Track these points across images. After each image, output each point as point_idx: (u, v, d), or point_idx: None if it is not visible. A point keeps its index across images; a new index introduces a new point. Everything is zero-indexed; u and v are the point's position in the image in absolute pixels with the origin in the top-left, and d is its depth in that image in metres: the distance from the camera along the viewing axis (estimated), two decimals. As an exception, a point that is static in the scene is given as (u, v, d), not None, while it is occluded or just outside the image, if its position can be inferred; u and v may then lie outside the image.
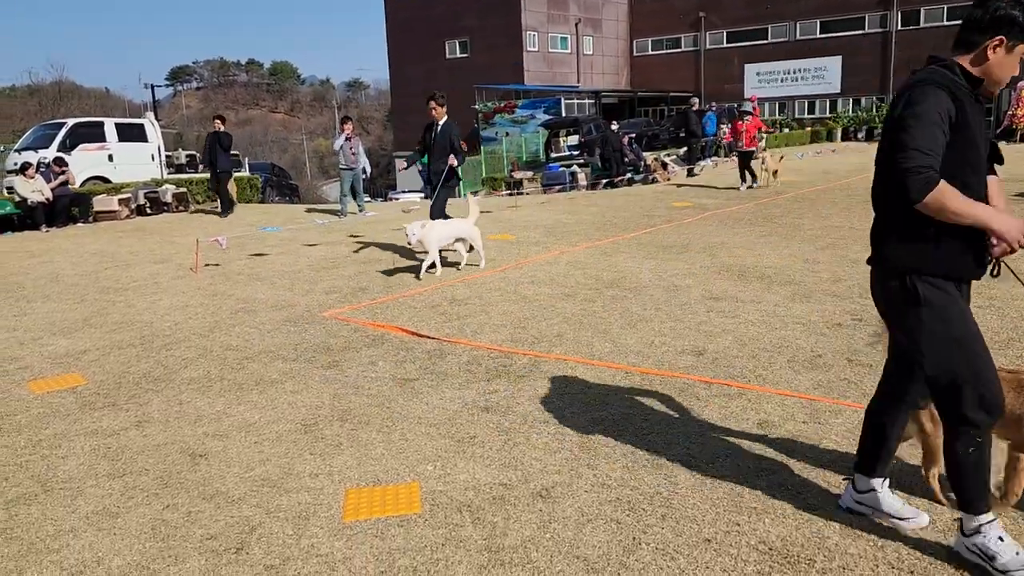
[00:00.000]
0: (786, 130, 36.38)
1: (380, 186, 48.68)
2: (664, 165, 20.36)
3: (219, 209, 15.45)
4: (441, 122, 9.18)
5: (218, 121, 14.98)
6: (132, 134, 19.55)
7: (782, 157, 16.13)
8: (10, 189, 14.92)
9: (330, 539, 3.19)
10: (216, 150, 14.63)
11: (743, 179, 15.95)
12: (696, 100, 22.07)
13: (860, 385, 4.59)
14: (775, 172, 15.75)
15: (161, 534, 3.29)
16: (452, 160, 9.10)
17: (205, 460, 4.01)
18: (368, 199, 21.80)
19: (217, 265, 9.61)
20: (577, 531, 3.15)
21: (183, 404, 4.85)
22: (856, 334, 5.57)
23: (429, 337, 6.01)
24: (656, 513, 3.25)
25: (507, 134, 36.22)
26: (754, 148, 16.17)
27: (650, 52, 46.67)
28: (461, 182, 15.54)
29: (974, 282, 2.89)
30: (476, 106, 39.17)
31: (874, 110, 37.82)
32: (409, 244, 8.16)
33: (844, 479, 3.34)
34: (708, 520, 3.18)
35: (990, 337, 5.33)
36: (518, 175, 23.21)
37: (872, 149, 3.11)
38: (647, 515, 3.24)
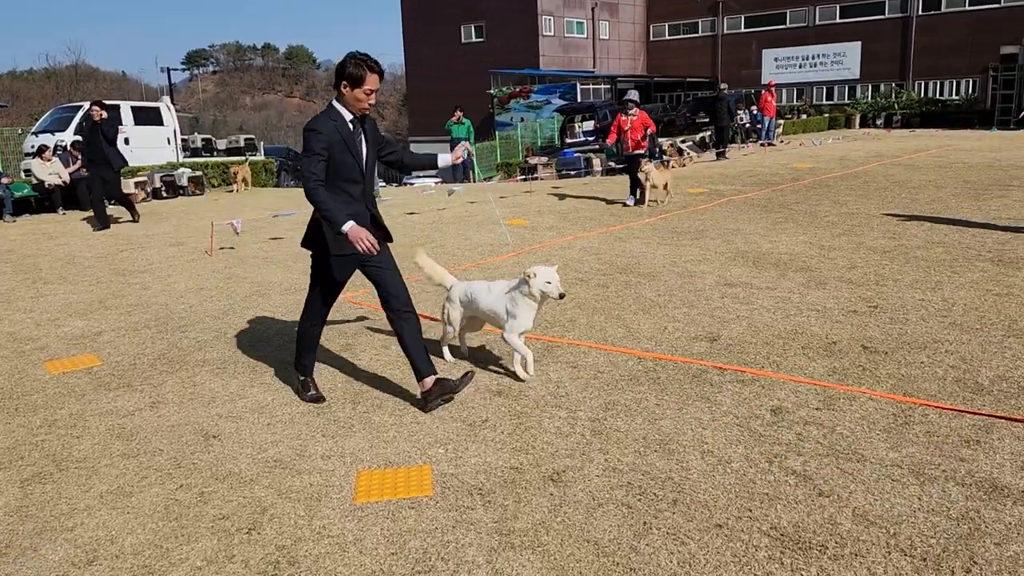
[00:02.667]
0: (803, 116, 36.03)
1: (394, 171, 48.68)
2: (680, 151, 20.22)
3: (95, 220, 12.16)
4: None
5: (97, 108, 11.71)
6: (148, 117, 19.63)
7: (672, 164, 12.70)
8: (28, 172, 15.03)
9: (341, 520, 3.21)
10: (99, 144, 11.57)
11: (633, 192, 12.26)
12: (726, 85, 21.87)
13: (875, 372, 4.55)
14: (665, 186, 11.98)
15: (174, 514, 3.32)
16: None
17: (218, 441, 4.04)
18: (383, 184, 21.83)
19: (232, 248, 9.64)
20: (588, 515, 3.15)
21: (197, 386, 4.88)
22: (871, 321, 5.52)
23: (442, 321, 6.00)
24: (667, 498, 3.24)
25: (522, 119, 36.10)
26: (642, 151, 12.17)
27: (667, 37, 46.26)
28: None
29: (987, 270, 2.84)
30: (491, 91, 39.03)
31: (893, 96, 37.36)
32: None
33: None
34: (720, 506, 3.17)
35: (1007, 325, 5.28)
36: (533, 160, 23.12)
37: (891, 136, 3.06)
38: (658, 500, 3.23)
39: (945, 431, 3.75)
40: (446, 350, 5.17)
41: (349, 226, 3.89)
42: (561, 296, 4.40)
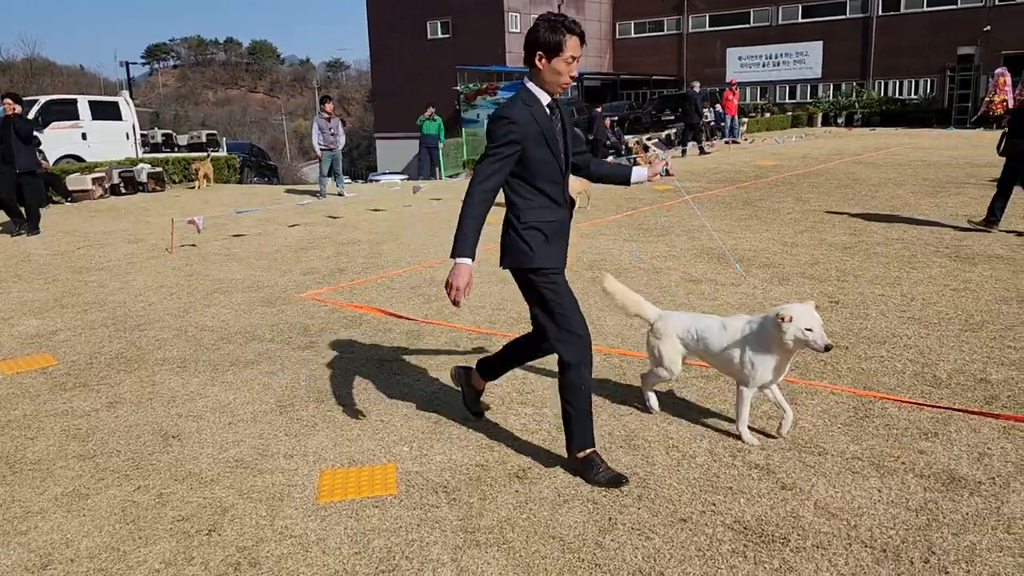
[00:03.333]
0: (767, 115, 36.46)
1: (360, 167, 48.34)
2: (645, 148, 20.35)
3: (18, 226, 10.85)
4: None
5: (10, 101, 10.40)
6: (106, 112, 19.20)
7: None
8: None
9: (304, 520, 3.16)
10: (12, 142, 10.37)
11: None
12: (698, 83, 22.11)
13: (836, 367, 4.61)
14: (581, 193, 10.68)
15: (131, 516, 3.25)
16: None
17: (178, 441, 3.96)
18: (348, 180, 21.65)
19: (193, 246, 9.49)
20: (553, 511, 3.14)
21: (156, 385, 4.78)
22: (833, 316, 5.59)
23: (407, 318, 5.97)
24: (632, 493, 3.25)
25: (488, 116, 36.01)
26: None
27: (633, 35, 46.45)
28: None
29: (945, 266, 2.89)
30: (458, 87, 38.89)
31: (854, 95, 37.96)
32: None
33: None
34: (684, 500, 3.18)
35: (964, 319, 5.39)
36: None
37: (852, 134, 3.09)
38: (623, 495, 3.24)
39: (904, 424, 3.80)
40: (652, 398, 4.10)
41: (460, 263, 3.16)
42: (827, 348, 3.43)
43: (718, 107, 25.28)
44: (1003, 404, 3.99)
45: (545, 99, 3.31)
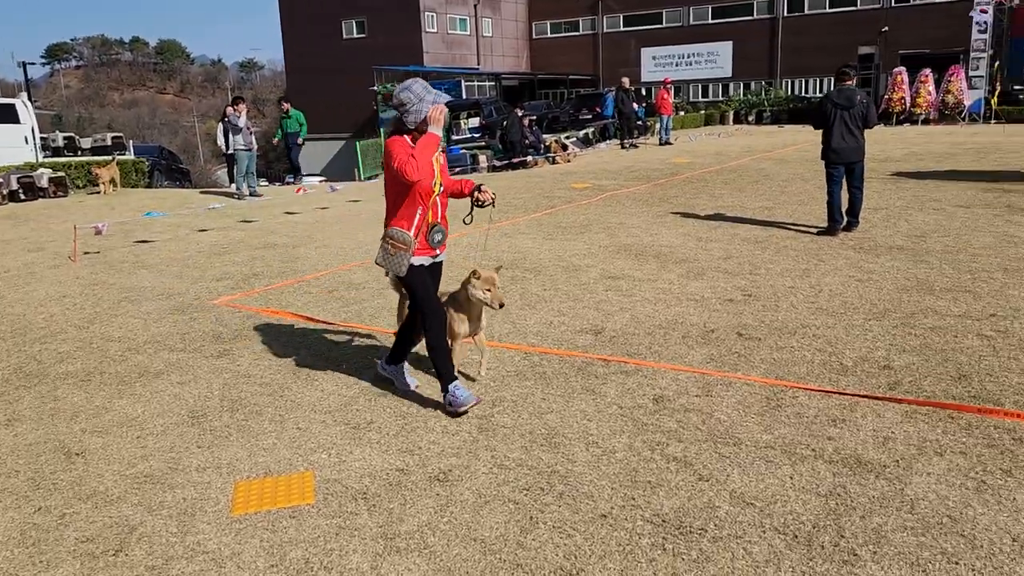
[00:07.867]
0: (680, 113, 37.28)
1: (278, 170, 47.16)
2: (564, 147, 20.52)
3: None
4: None
5: None
6: (2, 115, 18.21)
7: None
8: None
9: (217, 535, 3.06)
10: None
11: None
12: (627, 80, 22.47)
13: (750, 358, 4.73)
14: None
15: (31, 539, 3.07)
16: None
17: (82, 458, 3.77)
18: (265, 183, 21.10)
19: (98, 253, 9.09)
20: (474, 513, 3.12)
21: (58, 400, 4.55)
22: (746, 309, 5.74)
23: (325, 322, 5.86)
24: (553, 491, 3.26)
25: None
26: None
27: (549, 35, 46.83)
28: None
29: (850, 257, 2.97)
30: (375, 88, 38.44)
31: (763, 94, 39.20)
32: None
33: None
34: (604, 496, 3.20)
35: (868, 308, 5.61)
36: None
37: (762, 131, 3.17)
38: (544, 494, 3.24)
39: (813, 412, 3.93)
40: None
41: None
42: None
43: (635, 105, 25.67)
44: (905, 389, 4.17)
45: None
